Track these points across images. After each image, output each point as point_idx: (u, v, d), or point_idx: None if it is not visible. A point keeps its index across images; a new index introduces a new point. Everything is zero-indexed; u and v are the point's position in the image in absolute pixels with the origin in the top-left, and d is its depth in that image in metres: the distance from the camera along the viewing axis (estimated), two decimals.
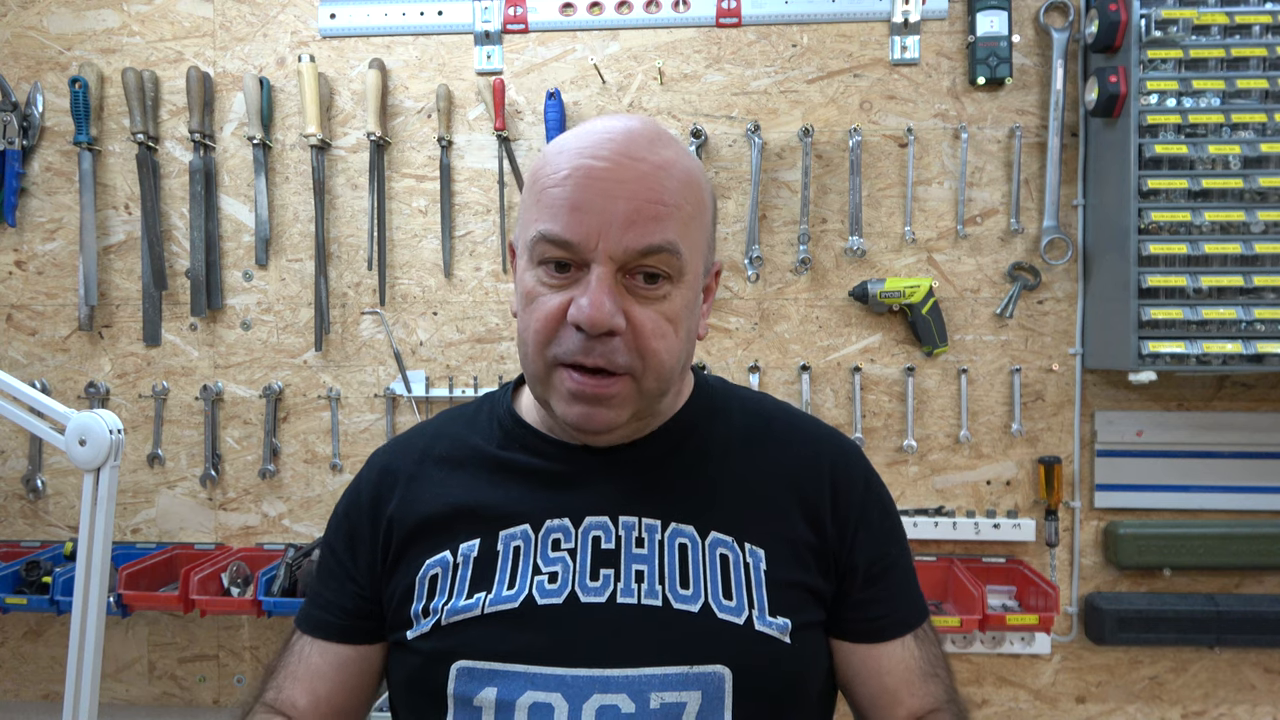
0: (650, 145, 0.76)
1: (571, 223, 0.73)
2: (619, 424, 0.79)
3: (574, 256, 0.74)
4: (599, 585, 0.79)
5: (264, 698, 0.87)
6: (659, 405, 0.83)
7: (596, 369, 0.75)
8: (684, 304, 0.78)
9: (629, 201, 0.73)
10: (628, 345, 0.75)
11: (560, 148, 0.77)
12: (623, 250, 0.73)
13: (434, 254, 1.94)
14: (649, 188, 0.74)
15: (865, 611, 0.85)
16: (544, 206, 0.75)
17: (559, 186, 0.74)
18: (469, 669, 0.77)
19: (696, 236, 0.78)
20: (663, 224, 0.74)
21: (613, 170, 0.73)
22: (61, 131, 1.97)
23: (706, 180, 0.82)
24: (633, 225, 0.73)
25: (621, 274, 0.75)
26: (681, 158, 0.78)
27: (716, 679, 0.75)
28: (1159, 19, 1.66)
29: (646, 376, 0.77)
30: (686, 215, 0.76)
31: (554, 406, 0.79)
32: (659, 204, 0.74)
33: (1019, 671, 1.90)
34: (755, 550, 0.81)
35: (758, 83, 1.89)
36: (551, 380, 0.78)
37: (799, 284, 1.90)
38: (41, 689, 2.03)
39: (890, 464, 1.89)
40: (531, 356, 0.78)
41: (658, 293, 0.76)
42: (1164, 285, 1.67)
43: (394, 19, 1.93)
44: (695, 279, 0.80)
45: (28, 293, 2.00)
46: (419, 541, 0.85)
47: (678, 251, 0.75)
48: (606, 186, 0.73)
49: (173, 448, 1.98)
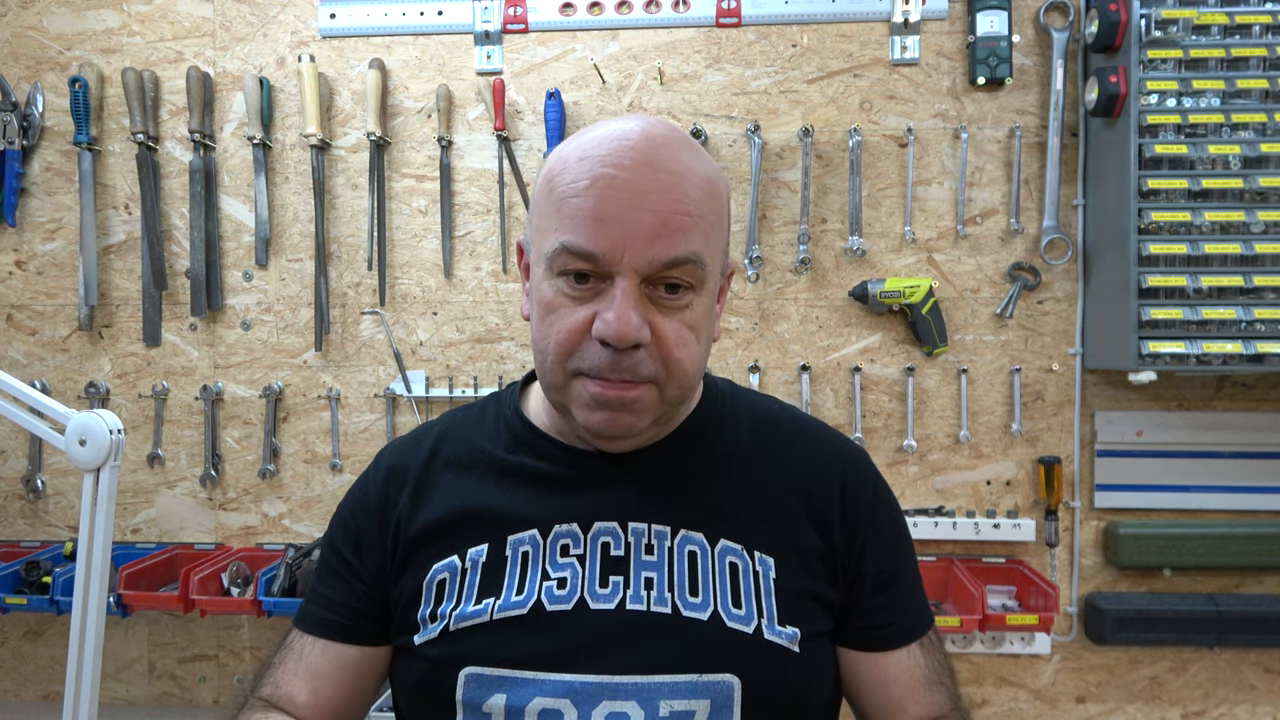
0: (672, 153, 0.74)
1: (596, 235, 0.71)
2: (640, 430, 0.78)
3: (597, 269, 0.73)
4: (608, 592, 0.78)
5: (259, 693, 0.86)
6: (676, 413, 0.82)
7: (621, 382, 0.75)
8: (705, 311, 0.78)
9: (654, 214, 0.71)
10: (651, 356, 0.74)
11: (580, 154, 0.74)
12: (648, 263, 0.72)
13: (434, 254, 1.94)
14: (674, 199, 0.72)
15: (872, 620, 0.85)
16: (565, 217, 0.73)
17: (580, 197, 0.72)
18: (477, 675, 0.76)
19: (716, 244, 0.78)
20: (688, 235, 0.73)
21: (635, 181, 0.72)
22: (61, 131, 1.97)
23: (724, 182, 0.81)
24: (658, 238, 0.72)
25: (645, 285, 0.74)
26: (701, 163, 0.77)
27: (725, 688, 0.75)
28: (1159, 19, 1.66)
29: (670, 385, 0.76)
30: (709, 225, 0.75)
31: (574, 414, 0.78)
32: (684, 215, 0.73)
33: (1019, 671, 1.90)
34: (764, 559, 0.81)
35: (758, 83, 1.89)
36: (571, 389, 0.77)
37: (799, 284, 1.90)
38: (41, 689, 2.03)
39: (890, 464, 1.89)
40: (551, 367, 0.77)
41: (680, 303, 0.75)
42: (1164, 285, 1.67)
43: (394, 19, 1.93)
44: (714, 285, 0.79)
45: (28, 293, 2.00)
46: (427, 545, 0.84)
47: (702, 263, 0.74)
48: (630, 198, 0.72)
49: (173, 448, 1.98)
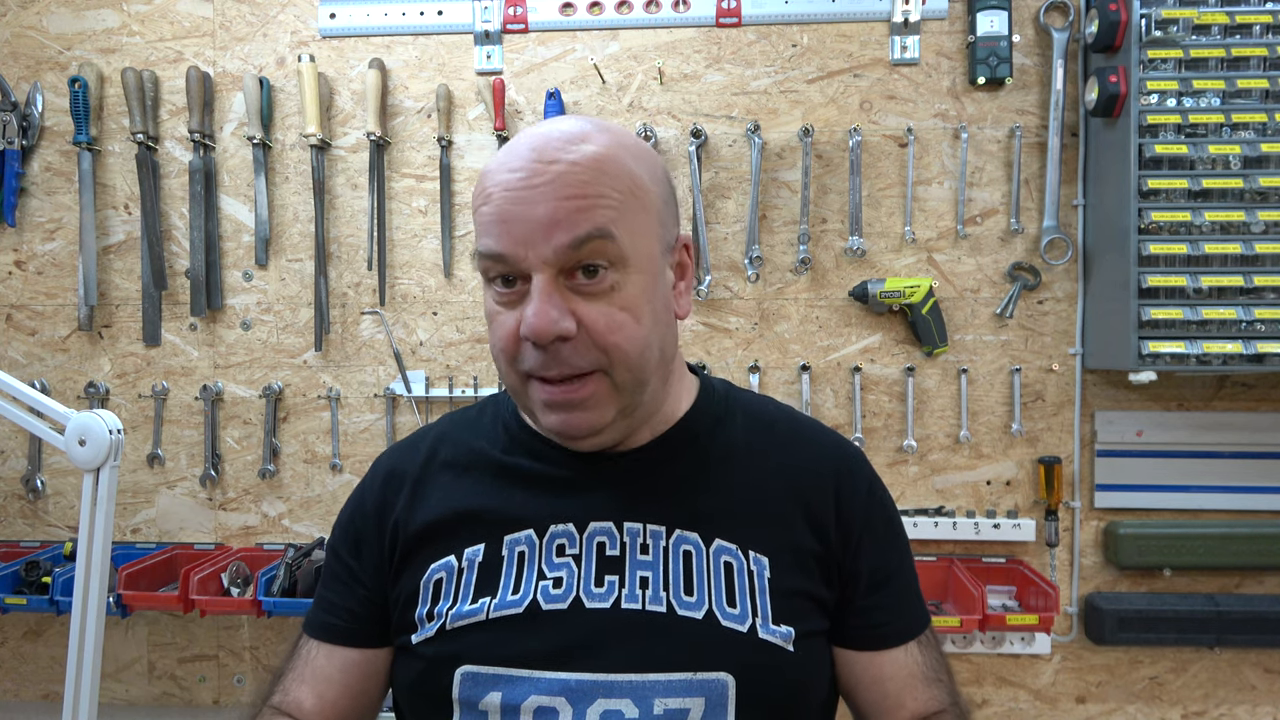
0: (567, 144, 0.75)
1: (500, 235, 0.74)
2: (602, 425, 0.78)
3: (512, 269, 0.75)
4: (603, 591, 0.79)
5: (270, 700, 0.88)
6: (645, 398, 0.81)
7: (561, 379, 0.76)
8: (640, 290, 0.77)
9: (546, 203, 0.73)
10: (585, 345, 0.75)
11: (489, 167, 0.78)
12: (553, 251, 0.73)
13: (434, 254, 1.94)
14: (565, 184, 0.74)
15: (868, 619, 0.85)
16: (479, 226, 0.77)
17: (486, 204, 0.76)
18: (473, 674, 0.77)
19: (637, 218, 0.77)
20: (587, 214, 0.74)
21: (527, 178, 0.74)
22: (61, 131, 1.97)
23: (649, 161, 0.80)
24: (556, 225, 0.73)
25: (563, 276, 0.75)
26: (605, 146, 0.76)
27: (720, 686, 0.76)
28: (1159, 19, 1.66)
29: (616, 370, 0.76)
30: (616, 200, 0.75)
31: (537, 417, 0.81)
32: (578, 198, 0.74)
33: (1019, 671, 1.90)
34: (759, 558, 0.81)
35: (758, 83, 1.89)
36: (528, 393, 0.79)
37: (799, 284, 1.90)
38: (41, 689, 2.03)
39: (890, 464, 1.89)
40: (505, 373, 0.80)
41: (603, 285, 0.75)
42: (1164, 285, 1.67)
43: (394, 19, 1.93)
44: (649, 261, 0.78)
45: (28, 293, 2.00)
46: (424, 546, 0.85)
47: (610, 235, 0.74)
48: (523, 194, 0.74)
49: (172, 448, 1.98)
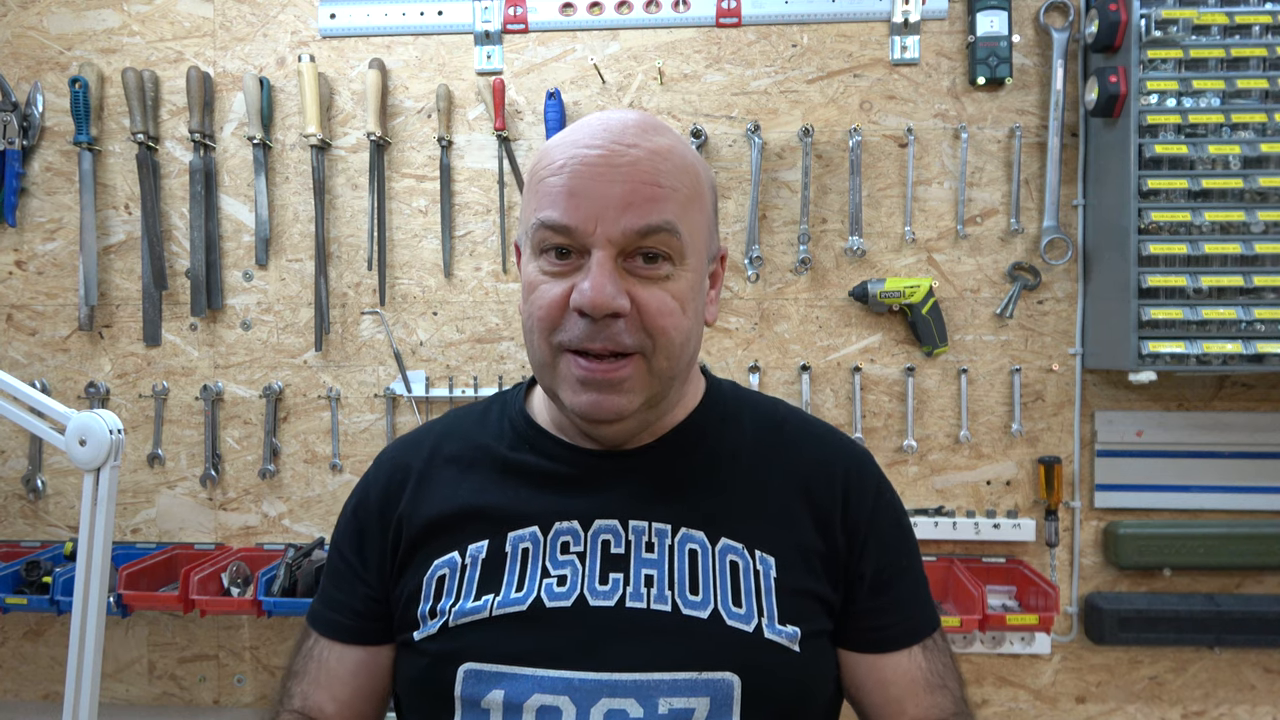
0: (643, 133, 0.77)
1: (569, 208, 0.74)
2: (630, 411, 0.78)
3: (573, 242, 0.75)
4: (608, 589, 0.78)
5: (291, 704, 0.87)
6: (670, 393, 0.82)
7: (603, 354, 0.75)
8: (689, 286, 0.78)
9: (624, 184, 0.74)
10: (634, 326, 0.75)
11: (556, 141, 0.79)
12: (620, 232, 0.74)
13: (434, 254, 1.94)
14: (643, 170, 0.75)
15: (871, 621, 0.85)
16: (542, 196, 0.77)
17: (555, 175, 0.76)
18: (476, 671, 0.77)
19: (696, 219, 0.79)
20: (659, 205, 0.75)
21: (607, 157, 0.75)
22: (61, 131, 1.97)
23: (705, 168, 0.83)
24: (630, 207, 0.74)
25: (622, 257, 0.76)
26: (676, 144, 0.79)
27: (725, 686, 0.75)
28: (1159, 19, 1.66)
29: (657, 355, 0.77)
30: (684, 198, 0.77)
31: (562, 396, 0.79)
32: (654, 185, 0.75)
33: (1019, 671, 1.90)
34: (765, 558, 0.81)
35: (758, 83, 1.89)
36: (558, 367, 0.78)
37: (799, 284, 1.90)
38: (41, 689, 2.03)
39: (890, 464, 1.89)
40: (537, 344, 0.78)
41: (660, 272, 0.76)
42: (1164, 285, 1.67)
43: (394, 19, 1.93)
44: (698, 263, 0.80)
45: (28, 293, 2.00)
46: (428, 542, 0.84)
47: (676, 231, 0.76)
48: (601, 171, 0.74)
49: (173, 448, 1.98)
